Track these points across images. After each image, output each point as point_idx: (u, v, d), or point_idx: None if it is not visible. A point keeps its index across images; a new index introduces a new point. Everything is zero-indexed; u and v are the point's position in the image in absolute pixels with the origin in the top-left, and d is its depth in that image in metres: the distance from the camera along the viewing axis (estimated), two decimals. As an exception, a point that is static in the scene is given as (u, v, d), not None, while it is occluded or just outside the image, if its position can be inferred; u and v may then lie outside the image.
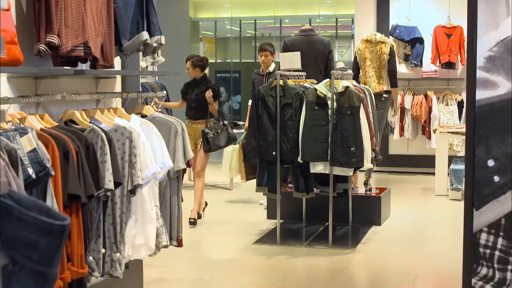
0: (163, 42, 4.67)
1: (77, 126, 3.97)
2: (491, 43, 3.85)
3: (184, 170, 4.79)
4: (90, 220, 3.85)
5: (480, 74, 3.88)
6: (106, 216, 4.00)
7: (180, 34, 15.32)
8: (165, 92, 6.04)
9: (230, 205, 9.31)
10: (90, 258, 3.88)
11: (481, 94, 3.88)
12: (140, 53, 5.01)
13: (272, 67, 8.43)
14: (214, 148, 7.95)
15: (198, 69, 8.14)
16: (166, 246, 4.63)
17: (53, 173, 3.38)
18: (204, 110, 8.08)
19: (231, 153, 9.02)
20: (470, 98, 3.94)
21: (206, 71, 8.56)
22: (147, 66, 7.19)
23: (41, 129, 3.61)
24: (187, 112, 8.27)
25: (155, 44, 4.62)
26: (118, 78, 4.95)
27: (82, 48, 3.98)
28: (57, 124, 3.85)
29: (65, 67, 4.09)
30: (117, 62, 4.77)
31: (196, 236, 7.13)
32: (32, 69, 3.88)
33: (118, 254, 4.06)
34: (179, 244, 4.84)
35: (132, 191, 4.09)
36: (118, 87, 4.95)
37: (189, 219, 7.69)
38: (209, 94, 7.95)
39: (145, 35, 4.53)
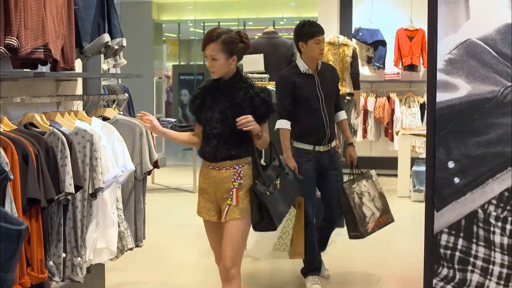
0: (124, 44, 4.64)
1: (37, 129, 3.93)
2: (451, 46, 3.90)
3: (149, 172, 4.77)
4: (51, 224, 3.80)
5: (440, 76, 3.92)
6: (66, 220, 3.96)
7: (143, 36, 15.26)
8: (127, 94, 5.97)
9: (194, 208, 9.26)
10: (51, 262, 3.84)
11: (441, 97, 3.92)
12: (102, 56, 4.98)
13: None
14: (278, 220, 4.14)
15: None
16: (131, 249, 4.61)
17: (12, 177, 3.34)
18: (247, 141, 4.08)
19: (288, 218, 5.25)
20: (431, 100, 3.98)
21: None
22: (109, 69, 7.13)
23: (0, 133, 3.56)
24: (205, 147, 4.15)
25: (116, 47, 4.59)
26: (79, 80, 4.91)
27: (42, 50, 3.94)
28: (16, 127, 3.81)
29: (24, 70, 4.04)
30: (78, 64, 4.72)
31: (160, 240, 7.09)
32: (-10, 72, 3.83)
33: (79, 258, 4.02)
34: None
35: (93, 195, 4.06)
36: (79, 90, 4.91)
37: None
38: (247, 120, 3.96)
39: (106, 37, 4.50)
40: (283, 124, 5.40)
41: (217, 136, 4.06)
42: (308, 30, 5.37)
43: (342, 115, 5.75)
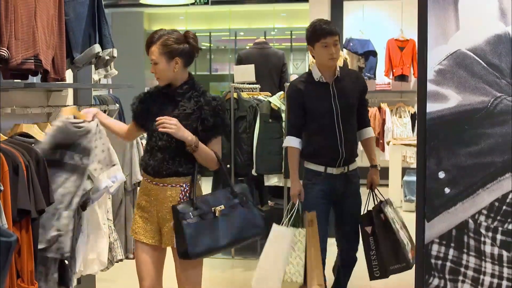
0: (115, 55, 4.64)
1: (27, 139, 3.92)
2: (441, 57, 3.90)
3: (138, 183, 4.77)
4: (41, 235, 3.78)
5: (430, 87, 3.92)
6: (57, 231, 3.94)
7: (134, 46, 15.25)
8: (118, 105, 5.98)
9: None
10: (41, 274, 3.82)
11: (431, 107, 3.92)
12: (93, 66, 4.98)
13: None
14: (196, 252, 3.74)
15: None
16: (121, 260, 4.60)
17: (2, 188, 3.32)
18: (189, 158, 3.72)
19: (296, 239, 4.57)
20: (421, 110, 3.98)
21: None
22: (99, 79, 7.12)
23: (-10, 143, 3.55)
24: (148, 160, 3.78)
25: (107, 57, 4.59)
26: (70, 91, 4.90)
27: (32, 61, 3.93)
28: (6, 138, 3.79)
29: (15, 80, 4.04)
30: (69, 75, 4.72)
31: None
32: (-19, 82, 3.82)
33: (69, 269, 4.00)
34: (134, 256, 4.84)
35: (84, 206, 4.05)
36: (70, 100, 4.90)
37: None
38: (164, 120, 3.58)
39: (97, 48, 4.50)
40: (290, 142, 4.72)
41: (163, 148, 3.66)
42: (314, 32, 4.61)
43: (368, 132, 5.03)
